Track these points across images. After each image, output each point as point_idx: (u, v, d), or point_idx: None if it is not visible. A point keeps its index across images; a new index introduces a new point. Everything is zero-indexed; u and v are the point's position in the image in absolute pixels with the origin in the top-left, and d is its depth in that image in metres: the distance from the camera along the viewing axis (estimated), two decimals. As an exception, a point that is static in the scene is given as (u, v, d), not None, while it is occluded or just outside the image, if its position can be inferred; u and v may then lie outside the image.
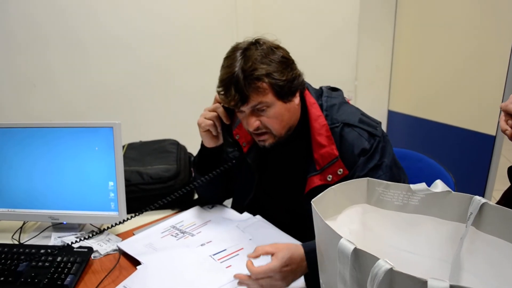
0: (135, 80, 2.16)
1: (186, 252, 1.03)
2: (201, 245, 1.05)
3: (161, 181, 1.29)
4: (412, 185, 0.70)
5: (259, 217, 1.16)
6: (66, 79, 2.04)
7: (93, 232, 1.03)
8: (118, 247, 1.07)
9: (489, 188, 1.90)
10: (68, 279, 0.93)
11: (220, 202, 1.30)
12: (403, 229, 0.71)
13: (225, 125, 1.09)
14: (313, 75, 1.17)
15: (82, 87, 2.07)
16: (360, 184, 0.73)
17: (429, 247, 0.69)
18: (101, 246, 1.08)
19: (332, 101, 1.08)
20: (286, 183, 1.13)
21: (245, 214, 1.18)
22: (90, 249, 1.03)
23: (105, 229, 1.10)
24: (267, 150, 1.06)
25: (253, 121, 0.98)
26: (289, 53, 1.01)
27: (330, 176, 1.02)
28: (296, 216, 1.10)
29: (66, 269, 0.95)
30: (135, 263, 1.00)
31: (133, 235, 1.14)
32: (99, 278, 0.96)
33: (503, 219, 0.60)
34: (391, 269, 0.47)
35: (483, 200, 0.63)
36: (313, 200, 0.64)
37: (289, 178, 1.12)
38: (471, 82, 1.96)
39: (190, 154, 1.49)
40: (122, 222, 1.04)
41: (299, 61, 1.04)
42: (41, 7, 1.90)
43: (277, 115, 0.98)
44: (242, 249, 1.03)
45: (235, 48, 0.98)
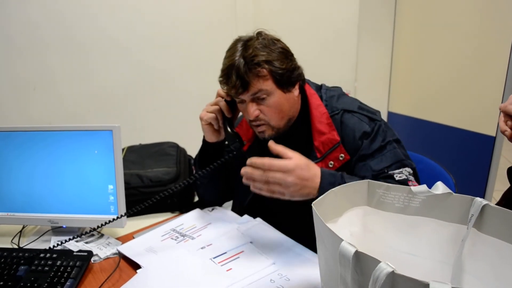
0: (134, 83, 2.16)
1: (186, 255, 1.02)
2: (201, 248, 1.05)
3: (161, 184, 1.29)
4: (413, 187, 0.70)
5: (259, 219, 1.15)
6: (66, 82, 2.04)
7: (91, 230, 1.02)
8: (118, 250, 1.06)
9: (489, 188, 1.90)
10: (68, 283, 0.92)
11: (220, 203, 1.29)
12: (404, 231, 0.71)
13: (226, 118, 1.10)
14: (313, 76, 1.18)
15: (81, 90, 2.07)
16: (360, 186, 0.73)
17: (430, 249, 0.69)
18: (101, 249, 1.08)
19: (331, 92, 1.13)
20: None
21: (246, 217, 1.18)
22: (90, 253, 1.02)
23: (98, 227, 1.05)
24: (268, 147, 1.05)
25: (253, 110, 1.00)
26: (289, 48, 1.04)
27: (331, 162, 1.03)
28: (297, 214, 1.09)
29: (66, 273, 0.95)
30: (135, 266, 0.99)
31: (133, 238, 1.13)
32: (99, 282, 0.95)
33: (505, 221, 0.60)
34: (393, 272, 0.47)
35: (484, 201, 0.63)
36: (313, 202, 0.64)
37: None
38: (471, 83, 1.96)
39: (190, 156, 1.49)
40: (115, 220, 1.03)
41: (299, 62, 1.06)
42: (41, 10, 1.91)
43: (277, 105, 1.00)
44: (242, 252, 1.02)
45: (237, 40, 1.02)
